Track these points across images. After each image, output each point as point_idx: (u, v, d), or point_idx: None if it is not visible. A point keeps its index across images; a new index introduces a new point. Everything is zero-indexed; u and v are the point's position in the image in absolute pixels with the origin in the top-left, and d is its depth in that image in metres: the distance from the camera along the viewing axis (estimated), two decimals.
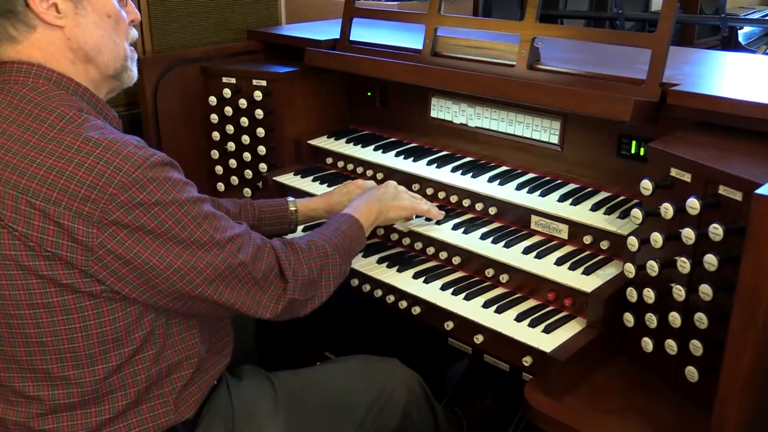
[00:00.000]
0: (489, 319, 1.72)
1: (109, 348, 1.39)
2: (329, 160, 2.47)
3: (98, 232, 1.29)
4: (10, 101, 1.37)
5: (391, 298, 1.92)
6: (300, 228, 2.12)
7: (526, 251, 1.84)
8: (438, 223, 2.01)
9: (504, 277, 1.85)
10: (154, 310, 1.42)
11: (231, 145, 2.52)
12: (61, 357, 1.36)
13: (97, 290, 1.34)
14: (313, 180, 2.37)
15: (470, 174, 2.12)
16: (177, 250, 1.36)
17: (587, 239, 1.83)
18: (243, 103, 2.45)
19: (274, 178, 2.41)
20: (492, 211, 2.02)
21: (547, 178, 2.08)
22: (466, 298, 1.80)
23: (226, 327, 1.67)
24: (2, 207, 1.29)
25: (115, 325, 1.38)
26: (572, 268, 1.76)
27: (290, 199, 2.06)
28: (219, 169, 2.57)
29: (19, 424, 1.40)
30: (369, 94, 2.59)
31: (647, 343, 1.55)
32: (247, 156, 2.52)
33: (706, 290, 1.37)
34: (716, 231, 1.34)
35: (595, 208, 1.87)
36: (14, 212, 1.29)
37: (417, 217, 2.02)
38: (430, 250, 2.01)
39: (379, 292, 1.95)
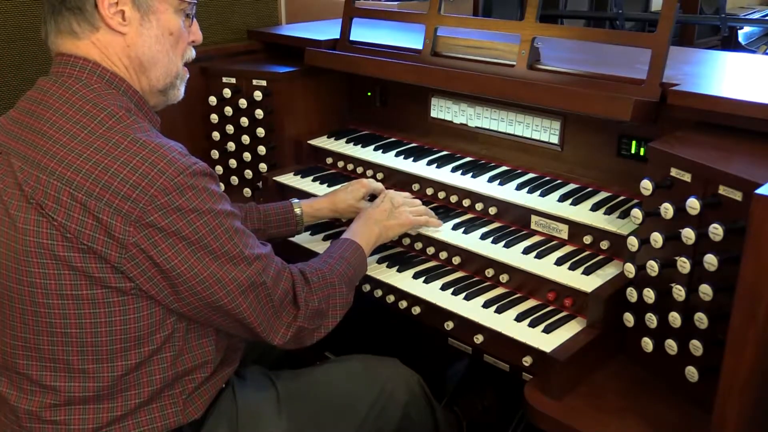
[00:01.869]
0: (489, 319, 1.72)
1: (130, 345, 1.40)
2: (329, 160, 2.47)
3: (134, 231, 1.31)
4: (62, 94, 1.40)
5: (391, 298, 1.92)
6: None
7: (526, 251, 1.84)
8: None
9: (504, 277, 1.85)
10: (177, 314, 1.44)
11: (231, 145, 2.52)
12: (82, 350, 1.38)
13: (127, 287, 1.36)
14: (313, 180, 2.37)
15: (470, 174, 2.12)
16: (207, 260, 1.38)
17: (587, 239, 1.83)
18: (243, 103, 2.45)
19: (274, 178, 2.41)
20: (492, 211, 2.02)
21: (547, 178, 2.08)
22: (466, 298, 1.80)
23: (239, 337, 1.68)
24: (45, 197, 1.32)
25: (140, 323, 1.40)
26: (572, 268, 1.76)
27: (294, 201, 2.07)
28: (219, 169, 2.57)
29: (31, 413, 1.41)
30: (369, 94, 2.59)
31: (647, 343, 1.55)
32: (247, 156, 2.52)
33: (706, 290, 1.37)
34: (716, 231, 1.34)
35: (595, 208, 1.87)
36: (56, 203, 1.32)
37: None
38: (430, 250, 2.01)
39: (379, 292, 1.95)
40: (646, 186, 1.52)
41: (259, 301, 1.47)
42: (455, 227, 1.99)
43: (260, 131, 2.45)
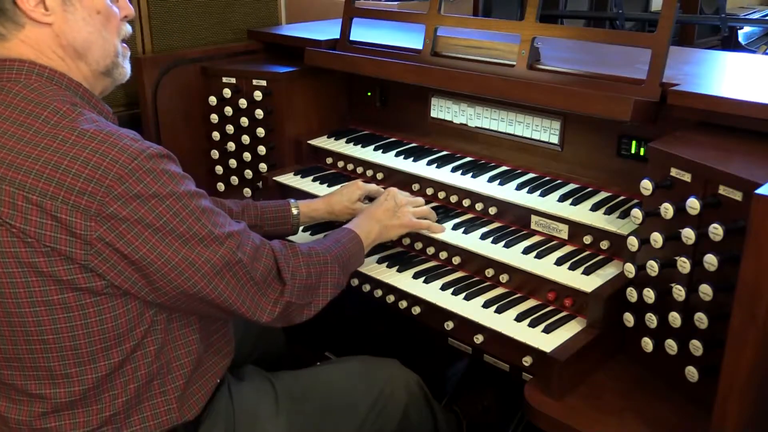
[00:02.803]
0: (489, 319, 1.72)
1: (110, 345, 1.38)
2: (329, 160, 2.47)
3: (96, 226, 1.28)
4: (3, 99, 1.36)
5: (391, 298, 1.92)
6: (300, 229, 2.12)
7: (526, 251, 1.84)
8: (438, 223, 2.01)
9: (504, 277, 1.85)
10: (155, 306, 1.42)
11: (231, 145, 2.52)
12: (62, 355, 1.36)
13: (98, 286, 1.33)
14: (313, 180, 2.37)
15: (470, 174, 2.12)
16: (175, 245, 1.35)
17: (587, 239, 1.83)
18: (243, 103, 2.45)
19: (274, 178, 2.41)
20: (492, 211, 2.02)
21: (547, 178, 2.08)
22: (466, 298, 1.80)
23: (227, 326, 1.67)
24: None
25: (117, 321, 1.37)
26: (572, 268, 1.76)
27: (292, 201, 2.07)
28: (219, 169, 2.57)
29: (21, 422, 1.40)
30: (369, 94, 2.59)
31: (647, 343, 1.55)
32: (247, 156, 2.52)
33: (706, 290, 1.37)
34: (716, 231, 1.34)
35: (595, 208, 1.87)
36: (11, 208, 1.28)
37: None
38: (430, 250, 2.01)
39: (379, 292, 1.95)
40: (646, 186, 1.52)
41: (237, 280, 1.44)
42: (455, 227, 1.99)
43: (260, 131, 2.45)
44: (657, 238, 1.47)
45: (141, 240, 1.31)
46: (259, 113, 2.44)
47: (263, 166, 2.51)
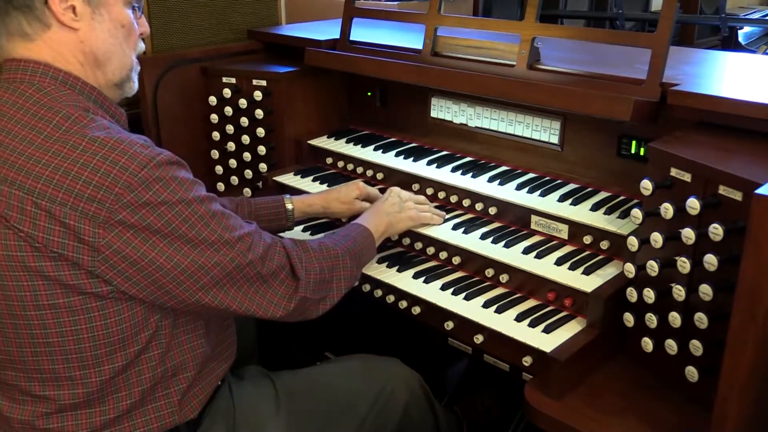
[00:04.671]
0: (489, 319, 1.72)
1: (115, 349, 1.39)
2: (329, 160, 2.47)
3: (104, 233, 1.29)
4: (15, 101, 1.36)
5: (391, 298, 1.92)
6: (300, 229, 2.12)
7: (526, 251, 1.84)
8: (438, 223, 2.01)
9: (504, 277, 1.85)
10: (161, 311, 1.42)
11: (231, 145, 2.52)
12: (67, 358, 1.36)
13: (104, 291, 1.33)
14: (313, 180, 2.37)
15: (470, 174, 2.12)
16: (185, 249, 1.35)
17: (587, 239, 1.83)
18: (243, 103, 2.45)
19: (274, 178, 2.41)
20: (492, 211, 2.02)
21: (547, 178, 2.08)
22: (466, 298, 1.80)
23: (231, 327, 1.67)
24: (8, 208, 1.29)
25: (122, 326, 1.38)
26: (572, 268, 1.76)
27: (287, 196, 2.06)
28: (219, 169, 2.57)
29: (24, 422, 1.40)
30: (369, 94, 2.59)
31: (647, 343, 1.55)
32: (247, 156, 2.52)
33: (706, 290, 1.37)
34: (716, 231, 1.34)
35: (595, 208, 1.87)
36: (20, 213, 1.29)
37: None
38: (430, 250, 2.01)
39: (379, 292, 1.95)
40: (646, 186, 1.52)
41: (248, 281, 1.44)
42: (455, 227, 1.99)
43: (260, 131, 2.45)
44: (657, 238, 1.47)
45: (149, 245, 1.32)
46: (259, 113, 2.44)
47: (263, 166, 2.51)
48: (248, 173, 2.53)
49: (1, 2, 1.38)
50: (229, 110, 2.49)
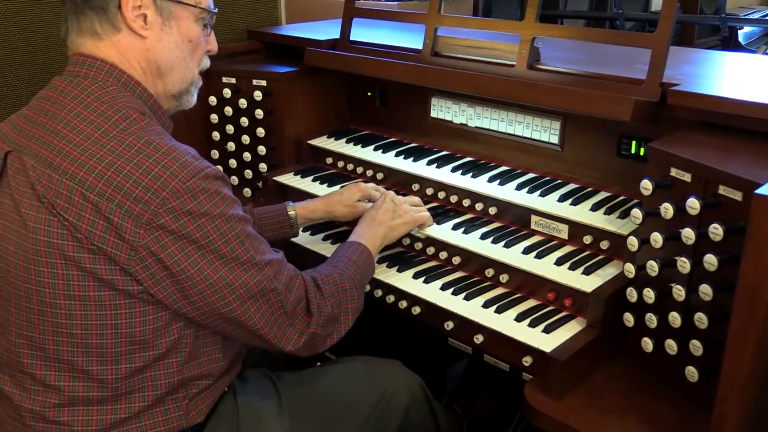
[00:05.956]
0: (489, 319, 1.72)
1: (135, 348, 1.40)
2: (329, 160, 2.47)
3: (145, 234, 1.31)
4: (77, 94, 1.41)
5: (391, 298, 1.92)
6: (300, 230, 2.12)
7: (526, 251, 1.84)
8: (438, 223, 2.01)
9: (504, 277, 1.85)
10: (185, 319, 1.44)
11: (231, 145, 2.52)
12: (87, 351, 1.38)
13: (134, 290, 1.36)
14: (313, 180, 2.37)
15: (470, 174, 2.12)
16: (216, 264, 1.37)
17: (587, 239, 1.83)
18: (243, 103, 2.45)
19: (274, 178, 2.41)
20: (492, 211, 2.02)
21: (547, 178, 2.08)
22: (466, 298, 1.80)
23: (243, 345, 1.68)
24: (56, 196, 1.33)
25: (145, 327, 1.39)
26: (572, 268, 1.76)
27: (289, 203, 2.07)
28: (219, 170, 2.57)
29: (34, 412, 1.41)
30: (369, 94, 2.59)
31: (647, 343, 1.55)
32: (247, 156, 2.52)
33: (706, 290, 1.37)
34: (716, 231, 1.34)
35: (595, 208, 1.87)
36: (67, 202, 1.32)
37: None
38: (430, 250, 2.01)
39: (379, 292, 1.95)
40: (646, 186, 1.52)
41: (270, 307, 1.46)
42: (455, 227, 1.99)
43: (260, 131, 2.45)
44: (657, 238, 1.47)
45: (183, 254, 1.34)
46: (259, 113, 2.44)
47: (263, 166, 2.51)
48: (248, 173, 2.53)
49: (78, 1, 1.44)
50: (229, 110, 2.49)
